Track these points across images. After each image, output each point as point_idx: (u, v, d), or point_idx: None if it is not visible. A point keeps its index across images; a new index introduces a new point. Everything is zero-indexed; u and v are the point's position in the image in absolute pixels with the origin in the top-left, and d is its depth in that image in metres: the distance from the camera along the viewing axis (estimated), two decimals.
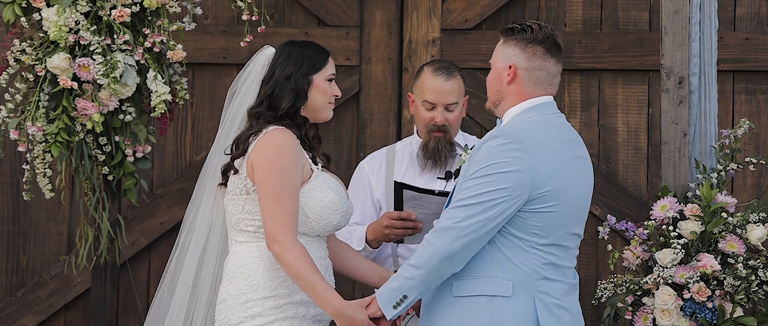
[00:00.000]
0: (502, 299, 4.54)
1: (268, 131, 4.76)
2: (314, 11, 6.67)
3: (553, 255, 4.59)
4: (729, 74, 6.55)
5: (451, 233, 4.49)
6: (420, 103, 5.52)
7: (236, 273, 4.77)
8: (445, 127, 5.48)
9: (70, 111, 5.59)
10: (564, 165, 4.60)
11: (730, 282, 5.50)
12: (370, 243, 5.40)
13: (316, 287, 4.66)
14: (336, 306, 4.66)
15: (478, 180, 4.52)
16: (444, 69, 5.50)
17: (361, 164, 5.71)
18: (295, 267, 4.65)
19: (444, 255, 4.50)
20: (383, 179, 5.58)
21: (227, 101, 4.99)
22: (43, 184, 5.71)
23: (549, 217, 4.56)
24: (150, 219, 6.60)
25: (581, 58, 6.60)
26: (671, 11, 5.84)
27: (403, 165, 5.60)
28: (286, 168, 4.70)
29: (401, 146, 5.69)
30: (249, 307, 4.73)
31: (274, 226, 4.67)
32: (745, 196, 6.51)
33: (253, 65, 4.94)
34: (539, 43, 4.70)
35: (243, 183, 4.77)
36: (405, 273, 4.56)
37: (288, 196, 4.69)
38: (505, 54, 4.72)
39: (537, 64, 4.70)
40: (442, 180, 5.51)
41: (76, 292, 6.65)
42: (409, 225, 5.30)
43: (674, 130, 5.85)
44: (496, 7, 6.64)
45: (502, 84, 4.71)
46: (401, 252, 5.51)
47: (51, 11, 5.56)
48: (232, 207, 4.81)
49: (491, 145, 4.56)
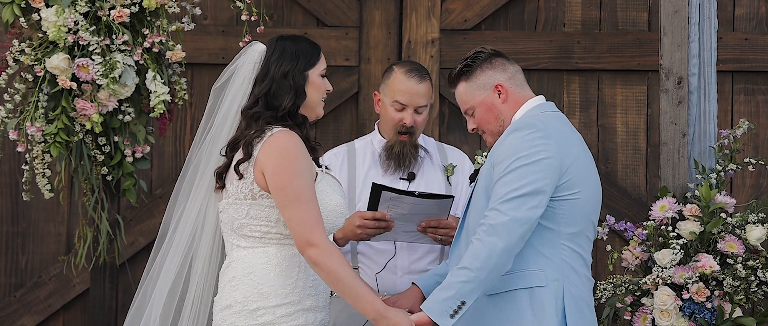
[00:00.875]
0: (539, 289, 4.56)
1: (273, 134, 4.61)
2: (313, 11, 6.67)
3: (580, 247, 4.63)
4: (728, 74, 6.55)
5: (507, 226, 4.48)
6: (389, 103, 5.48)
7: (243, 279, 4.63)
8: (412, 128, 5.46)
9: (69, 111, 5.58)
10: (581, 153, 4.66)
11: (729, 282, 5.50)
12: (338, 241, 5.36)
13: (359, 292, 4.56)
14: (380, 310, 4.55)
15: (516, 172, 4.53)
16: (416, 71, 5.48)
17: (322, 158, 5.65)
18: (336, 271, 4.53)
19: (505, 251, 4.48)
20: (345, 176, 5.55)
21: (213, 98, 4.80)
22: (42, 185, 5.71)
23: (574, 205, 4.59)
24: (149, 219, 6.60)
25: (580, 59, 6.60)
26: (670, 12, 5.84)
27: (366, 164, 5.56)
28: (303, 170, 4.58)
29: (361, 144, 5.63)
30: (260, 315, 4.60)
31: (307, 230, 4.54)
32: (744, 197, 6.51)
33: (244, 62, 4.75)
34: (495, 56, 4.78)
35: (249, 188, 4.62)
36: (459, 278, 4.50)
37: (311, 199, 4.57)
38: (478, 85, 4.77)
39: (510, 69, 4.78)
40: (405, 180, 5.50)
41: (75, 292, 6.65)
42: (381, 225, 5.29)
43: (673, 131, 5.85)
44: (495, 7, 6.64)
45: (497, 108, 4.75)
46: (361, 249, 5.49)
47: (50, 11, 5.55)
48: (233, 211, 4.67)
49: (516, 137, 4.58)
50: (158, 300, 4.75)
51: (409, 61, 5.81)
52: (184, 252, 4.77)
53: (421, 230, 5.28)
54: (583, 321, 4.61)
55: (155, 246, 4.83)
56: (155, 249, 4.83)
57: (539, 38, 6.63)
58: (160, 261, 4.79)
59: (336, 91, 6.67)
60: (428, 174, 5.52)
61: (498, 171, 4.57)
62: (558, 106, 6.53)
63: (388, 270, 5.44)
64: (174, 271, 4.75)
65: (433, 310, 4.52)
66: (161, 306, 4.75)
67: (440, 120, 6.66)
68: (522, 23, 6.67)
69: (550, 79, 6.64)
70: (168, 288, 4.75)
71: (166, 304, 4.75)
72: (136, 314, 4.82)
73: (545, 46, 6.62)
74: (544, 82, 6.64)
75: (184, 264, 4.77)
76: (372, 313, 4.57)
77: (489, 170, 4.63)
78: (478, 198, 4.68)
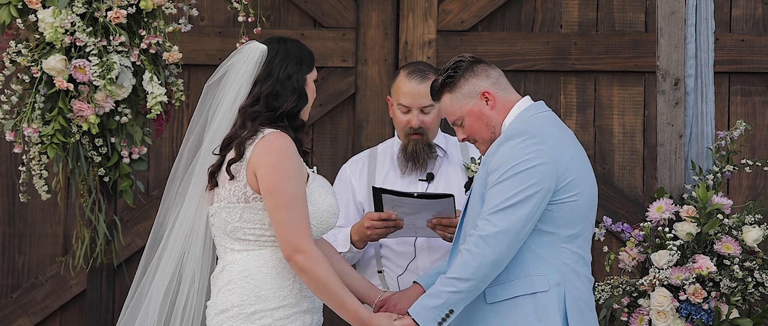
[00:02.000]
0: (542, 294, 4.55)
1: (265, 135, 4.61)
2: (310, 12, 6.67)
3: (581, 248, 4.63)
4: (725, 76, 6.55)
5: (497, 238, 4.48)
6: (396, 106, 5.52)
7: (239, 282, 4.62)
8: (421, 129, 5.48)
9: (66, 112, 5.58)
10: (577, 154, 4.65)
11: (726, 283, 5.50)
12: (355, 244, 5.41)
13: (344, 301, 4.58)
14: (364, 319, 4.58)
15: (508, 181, 4.51)
16: (418, 72, 5.48)
17: (344, 167, 5.70)
18: (323, 279, 4.55)
19: (494, 262, 4.48)
20: (365, 182, 5.57)
21: (205, 94, 4.78)
22: (39, 186, 5.70)
23: (573, 207, 4.58)
24: (146, 220, 6.60)
25: (577, 60, 6.61)
26: (667, 13, 5.85)
27: (385, 167, 5.59)
28: (294, 173, 4.58)
29: (383, 148, 5.68)
30: (258, 318, 4.60)
31: (294, 236, 4.55)
32: (741, 198, 6.51)
33: (238, 60, 4.74)
34: (476, 63, 4.74)
35: (242, 191, 4.62)
36: (448, 288, 4.50)
37: (301, 203, 4.57)
38: (464, 94, 4.73)
39: (493, 74, 4.74)
40: (424, 181, 5.51)
41: (72, 294, 6.65)
42: (390, 225, 5.31)
43: (670, 132, 5.85)
44: (493, 8, 6.65)
45: (487, 115, 4.72)
46: (384, 253, 5.52)
47: (47, 12, 5.55)
48: (226, 215, 4.65)
49: (509, 145, 4.56)
50: (155, 303, 4.75)
51: (415, 62, 5.81)
52: (179, 253, 4.76)
53: (432, 227, 5.30)
54: (585, 324, 4.60)
55: (148, 249, 4.82)
56: (149, 251, 4.81)
57: (536, 39, 6.63)
58: (155, 264, 4.78)
59: (333, 92, 6.67)
60: (447, 174, 5.53)
61: (492, 178, 4.56)
62: (555, 108, 6.56)
63: (410, 272, 5.47)
64: (169, 273, 4.75)
65: (420, 317, 4.53)
66: (158, 308, 4.74)
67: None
68: (519, 24, 6.67)
69: (547, 80, 6.65)
70: (163, 292, 4.74)
71: (161, 307, 4.75)
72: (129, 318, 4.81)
73: (542, 47, 6.62)
74: (541, 84, 6.64)
75: (177, 267, 4.76)
76: (357, 322, 4.60)
77: (484, 177, 4.62)
78: (473, 206, 4.67)
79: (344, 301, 4.58)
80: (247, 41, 4.85)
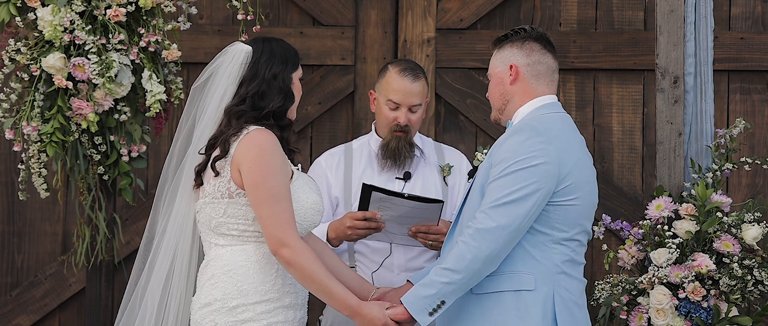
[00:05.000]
0: (526, 292, 4.55)
1: (249, 132, 4.64)
2: (309, 11, 6.67)
3: (573, 251, 4.62)
4: (724, 74, 6.55)
5: (494, 233, 4.49)
6: (383, 102, 5.50)
7: (222, 277, 4.66)
8: (407, 127, 5.48)
9: (65, 110, 5.58)
10: (581, 159, 4.65)
11: (725, 281, 5.50)
12: (331, 241, 5.38)
13: (332, 290, 4.61)
14: (354, 307, 4.62)
15: (509, 177, 4.53)
16: (410, 70, 5.49)
17: (318, 160, 5.66)
18: (309, 270, 4.59)
19: (488, 257, 4.50)
20: (342, 177, 5.56)
21: (192, 96, 4.81)
22: (38, 184, 5.70)
23: (570, 210, 4.58)
24: (145, 218, 6.52)
25: (576, 58, 6.61)
26: (666, 11, 5.85)
27: (362, 163, 5.58)
28: (277, 169, 4.62)
29: (358, 144, 5.66)
30: (239, 312, 4.63)
31: (279, 230, 4.58)
32: (740, 196, 6.52)
33: (224, 62, 4.77)
34: (535, 40, 4.76)
35: (226, 187, 4.65)
36: (441, 278, 4.52)
37: (285, 198, 4.61)
38: (502, 57, 4.76)
39: (536, 59, 4.74)
40: (400, 180, 5.50)
41: (71, 292, 6.65)
42: (372, 226, 5.29)
43: (669, 130, 5.85)
44: (491, 6, 6.65)
45: (505, 86, 4.74)
46: (358, 248, 5.50)
47: (46, 11, 5.55)
48: (210, 210, 4.69)
49: (516, 140, 4.58)
50: (152, 302, 4.77)
51: (405, 60, 5.81)
52: (172, 253, 4.79)
53: (412, 235, 5.30)
54: (575, 324, 4.61)
55: (142, 249, 4.84)
56: (143, 252, 4.84)
57: None
58: (150, 264, 4.81)
59: (332, 90, 6.67)
60: (424, 174, 5.53)
61: (495, 172, 4.57)
62: None
63: (385, 268, 5.45)
64: (164, 273, 4.78)
65: (412, 305, 4.55)
66: (155, 306, 4.77)
67: (436, 119, 6.66)
68: (518, 22, 6.67)
69: None
70: (159, 293, 4.77)
71: (159, 307, 4.78)
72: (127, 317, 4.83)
73: None
74: None
75: (172, 266, 4.80)
76: (346, 310, 4.63)
77: (487, 168, 4.63)
78: (474, 195, 4.68)
79: (332, 291, 4.61)
80: (246, 40, 4.87)
